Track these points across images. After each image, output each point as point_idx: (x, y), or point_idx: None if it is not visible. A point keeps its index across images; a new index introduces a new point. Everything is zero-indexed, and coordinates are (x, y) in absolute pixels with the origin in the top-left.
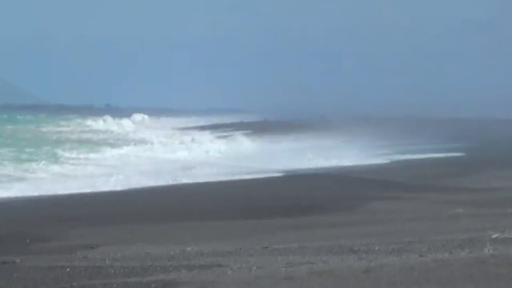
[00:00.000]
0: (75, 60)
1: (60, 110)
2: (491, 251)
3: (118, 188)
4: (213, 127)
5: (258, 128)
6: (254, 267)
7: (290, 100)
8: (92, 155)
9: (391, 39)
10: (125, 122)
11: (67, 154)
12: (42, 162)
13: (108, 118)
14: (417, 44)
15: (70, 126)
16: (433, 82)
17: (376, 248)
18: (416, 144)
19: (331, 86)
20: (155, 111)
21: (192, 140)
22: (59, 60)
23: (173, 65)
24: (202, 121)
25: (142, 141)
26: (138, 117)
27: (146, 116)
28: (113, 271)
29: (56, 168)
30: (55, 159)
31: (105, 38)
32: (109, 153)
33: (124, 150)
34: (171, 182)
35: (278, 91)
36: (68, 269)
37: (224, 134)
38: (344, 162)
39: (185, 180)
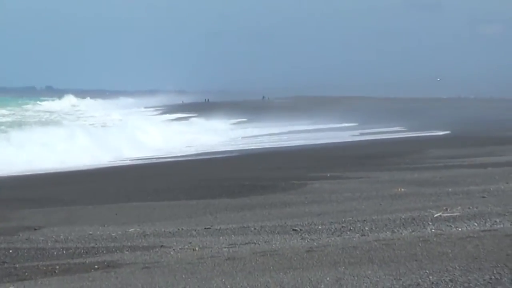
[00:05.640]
0: None
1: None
2: (433, 230)
3: (61, 169)
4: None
5: (201, 109)
6: (197, 248)
7: (231, 81)
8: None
9: (333, 19)
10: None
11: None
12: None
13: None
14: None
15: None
16: (373, 61)
17: (319, 228)
18: (356, 124)
19: (271, 67)
20: (97, 93)
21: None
22: None
23: (114, 46)
24: (146, 103)
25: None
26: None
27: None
28: (55, 252)
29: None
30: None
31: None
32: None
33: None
34: (113, 163)
35: (219, 73)
36: (11, 250)
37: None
38: (286, 143)
39: (127, 161)
